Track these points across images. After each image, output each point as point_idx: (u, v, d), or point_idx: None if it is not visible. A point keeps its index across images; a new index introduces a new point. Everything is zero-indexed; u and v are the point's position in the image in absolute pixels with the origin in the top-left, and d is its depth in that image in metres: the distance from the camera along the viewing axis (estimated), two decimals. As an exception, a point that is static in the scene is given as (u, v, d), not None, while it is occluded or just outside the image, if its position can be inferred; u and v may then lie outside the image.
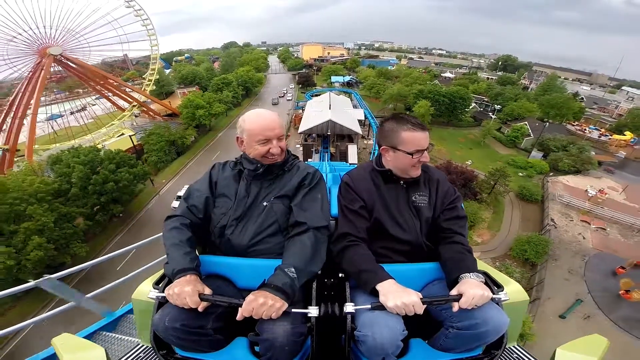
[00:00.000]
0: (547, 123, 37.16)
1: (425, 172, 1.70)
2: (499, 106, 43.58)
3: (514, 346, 1.70)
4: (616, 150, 38.89)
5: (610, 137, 41.59)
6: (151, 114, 38.22)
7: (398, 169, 1.63)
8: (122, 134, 32.27)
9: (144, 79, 49.21)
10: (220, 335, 1.37)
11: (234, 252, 1.56)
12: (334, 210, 1.72)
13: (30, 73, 30.15)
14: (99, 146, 21.77)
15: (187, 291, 1.21)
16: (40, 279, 2.27)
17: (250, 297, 1.20)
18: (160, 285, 1.36)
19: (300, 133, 27.27)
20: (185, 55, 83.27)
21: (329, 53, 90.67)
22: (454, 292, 1.30)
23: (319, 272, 1.49)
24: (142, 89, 35.91)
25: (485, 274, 1.44)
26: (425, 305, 1.22)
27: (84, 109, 38.88)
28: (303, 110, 35.02)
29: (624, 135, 41.12)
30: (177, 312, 1.24)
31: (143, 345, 1.69)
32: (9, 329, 2.42)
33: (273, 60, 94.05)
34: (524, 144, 35.38)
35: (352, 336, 1.29)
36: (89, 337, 2.75)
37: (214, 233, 1.60)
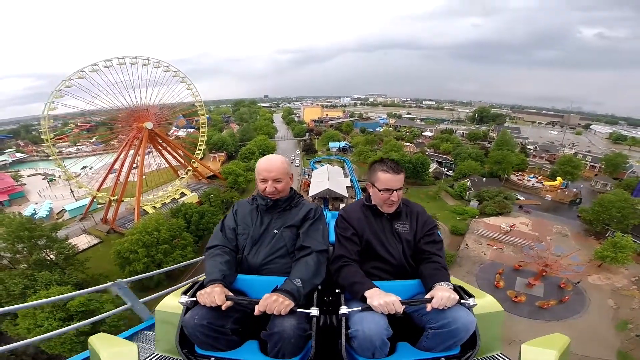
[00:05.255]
0: (484, 179, 52.43)
1: (406, 206, 2.25)
2: (446, 167, 59.86)
3: (497, 354, 1.94)
4: (545, 194, 52.11)
5: (543, 184, 55.10)
6: (198, 176, 53.57)
7: (375, 201, 2.18)
8: (182, 193, 48.25)
9: (169, 135, 61.39)
10: (236, 336, 1.77)
11: (250, 270, 2.06)
12: (332, 238, 2.25)
13: (130, 139, 41.34)
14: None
15: (216, 291, 1.67)
16: (112, 283, 3.24)
17: (265, 295, 1.63)
18: (188, 294, 1.77)
19: (309, 196, 43.88)
20: (207, 116, 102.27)
21: (327, 114, 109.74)
22: (427, 296, 1.71)
23: (320, 287, 1.95)
24: (195, 155, 49.59)
25: (460, 287, 1.87)
26: (404, 306, 1.63)
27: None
28: (308, 176, 52.96)
29: (555, 181, 53.27)
30: (205, 311, 1.66)
31: (159, 355, 1.94)
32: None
33: (277, 119, 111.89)
34: (468, 196, 48.88)
35: (347, 336, 1.62)
36: (129, 337, 3.31)
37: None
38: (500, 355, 1.95)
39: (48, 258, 25.51)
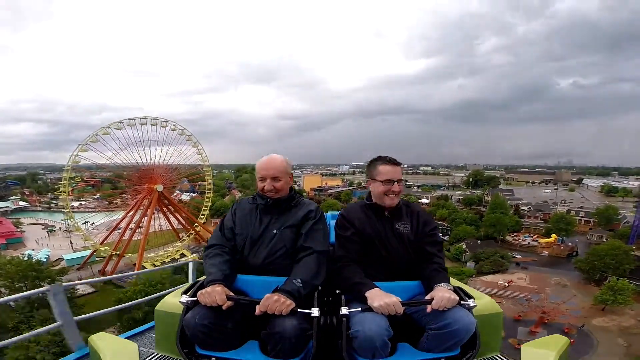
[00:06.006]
0: (479, 241, 52.97)
1: (407, 207, 2.26)
2: (442, 233, 59.33)
3: (497, 356, 1.91)
4: (541, 251, 52.98)
5: (538, 241, 55.98)
6: (199, 239, 53.17)
7: (376, 196, 2.18)
8: (183, 254, 48.80)
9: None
10: (237, 336, 1.77)
11: (250, 270, 2.05)
12: (332, 239, 2.26)
13: (137, 200, 42.97)
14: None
15: (217, 290, 1.66)
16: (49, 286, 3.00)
17: (266, 295, 1.64)
18: (188, 294, 1.75)
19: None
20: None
21: (326, 183, 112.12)
22: (427, 297, 1.72)
23: (320, 287, 1.93)
24: (198, 219, 49.23)
25: (459, 288, 1.87)
26: (404, 307, 1.63)
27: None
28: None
29: (550, 238, 54.79)
30: (206, 311, 1.65)
31: (159, 355, 1.92)
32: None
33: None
34: (464, 258, 49.12)
35: (348, 337, 1.60)
36: (130, 337, 3.33)
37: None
38: (500, 356, 1.96)
39: (47, 298, 26.05)
